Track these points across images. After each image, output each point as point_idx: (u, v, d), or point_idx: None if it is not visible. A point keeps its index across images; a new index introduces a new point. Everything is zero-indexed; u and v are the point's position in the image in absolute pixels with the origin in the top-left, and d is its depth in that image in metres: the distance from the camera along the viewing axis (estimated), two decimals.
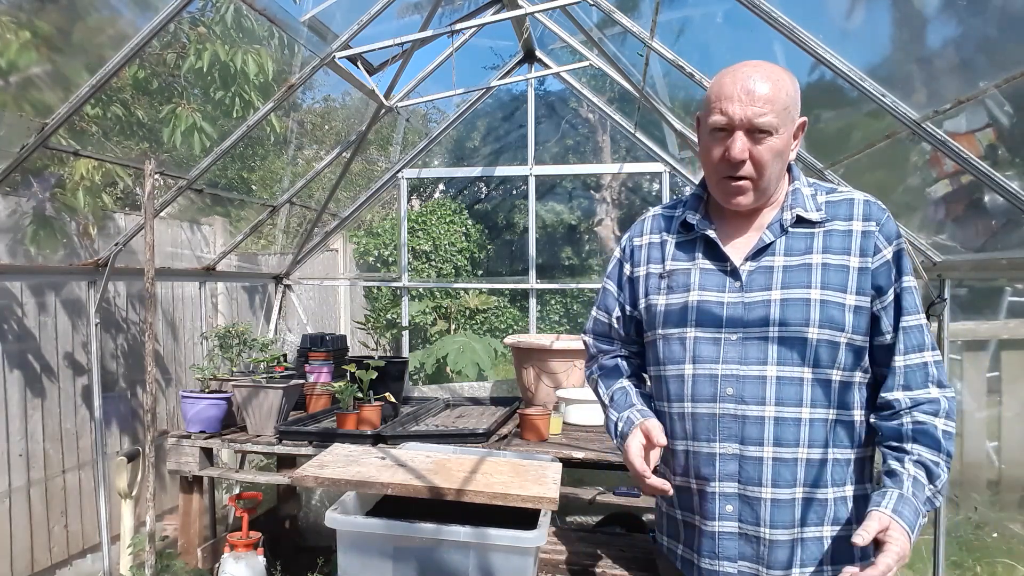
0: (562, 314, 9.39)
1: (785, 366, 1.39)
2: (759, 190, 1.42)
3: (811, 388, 1.39)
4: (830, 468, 1.40)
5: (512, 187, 9.36)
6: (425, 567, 1.51)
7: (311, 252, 5.06)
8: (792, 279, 1.41)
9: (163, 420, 4.29)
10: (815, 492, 1.39)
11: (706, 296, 1.46)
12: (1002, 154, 2.21)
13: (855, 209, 1.42)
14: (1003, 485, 3.54)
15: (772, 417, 1.39)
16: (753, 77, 1.37)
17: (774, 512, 1.39)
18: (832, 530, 1.40)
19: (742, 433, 1.41)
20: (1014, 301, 3.44)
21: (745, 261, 1.45)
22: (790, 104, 1.39)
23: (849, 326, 1.38)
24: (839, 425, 1.40)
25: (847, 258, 1.39)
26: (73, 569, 3.57)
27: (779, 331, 1.39)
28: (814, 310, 1.38)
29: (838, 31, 2.39)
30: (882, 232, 1.39)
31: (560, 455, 2.75)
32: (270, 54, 3.73)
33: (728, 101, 1.38)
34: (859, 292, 1.39)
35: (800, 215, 1.43)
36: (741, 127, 1.37)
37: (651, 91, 3.83)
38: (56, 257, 3.41)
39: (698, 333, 1.45)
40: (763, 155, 1.38)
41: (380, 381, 3.31)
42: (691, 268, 1.50)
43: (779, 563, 1.40)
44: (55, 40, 2.55)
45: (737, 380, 1.41)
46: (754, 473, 1.40)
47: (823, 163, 3.01)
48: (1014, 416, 3.56)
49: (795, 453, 1.38)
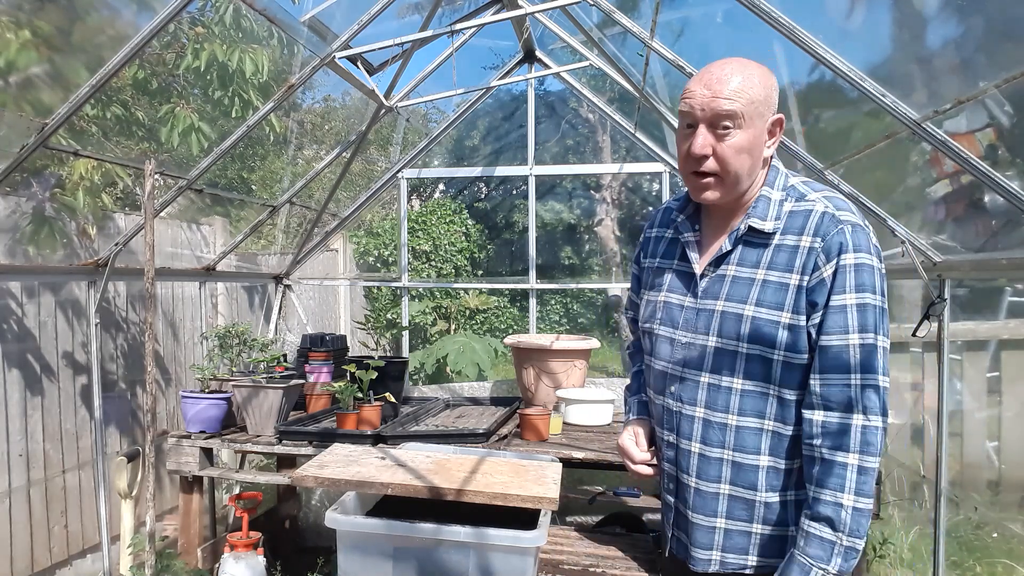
0: (562, 314, 9.39)
1: (716, 375, 1.46)
2: (725, 185, 1.42)
3: (739, 398, 1.44)
4: (763, 473, 1.45)
5: (512, 187, 9.36)
6: (425, 567, 1.51)
7: (311, 252, 5.06)
8: (735, 292, 1.44)
9: (163, 420, 4.29)
10: (742, 491, 1.47)
11: (671, 298, 1.55)
12: (1002, 154, 2.21)
13: (809, 222, 1.40)
14: (1003, 485, 3.54)
15: (701, 419, 1.49)
16: (722, 70, 1.38)
17: (697, 500, 1.51)
18: (761, 528, 1.47)
19: (678, 427, 1.53)
20: (1014, 301, 3.44)
21: (708, 266, 1.49)
22: (758, 99, 1.37)
23: (782, 344, 1.39)
24: (778, 437, 1.44)
25: (789, 275, 1.39)
26: (73, 569, 3.57)
27: (716, 341, 1.45)
28: (744, 325, 1.41)
29: (838, 31, 2.39)
30: (824, 249, 1.36)
31: (560, 455, 2.75)
32: (269, 54, 3.73)
33: (692, 93, 1.39)
34: (794, 311, 1.38)
35: (752, 225, 1.43)
36: (704, 119, 1.38)
37: (651, 91, 3.83)
38: (56, 257, 3.40)
39: (660, 331, 1.56)
40: (726, 151, 1.38)
41: (380, 381, 3.30)
42: (669, 268, 1.58)
43: (701, 544, 1.52)
44: (55, 40, 2.55)
45: (679, 381, 1.51)
46: (684, 463, 1.53)
47: (823, 163, 3.01)
48: (1014, 416, 3.56)
49: (721, 453, 1.47)
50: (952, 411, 3.23)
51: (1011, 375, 3.55)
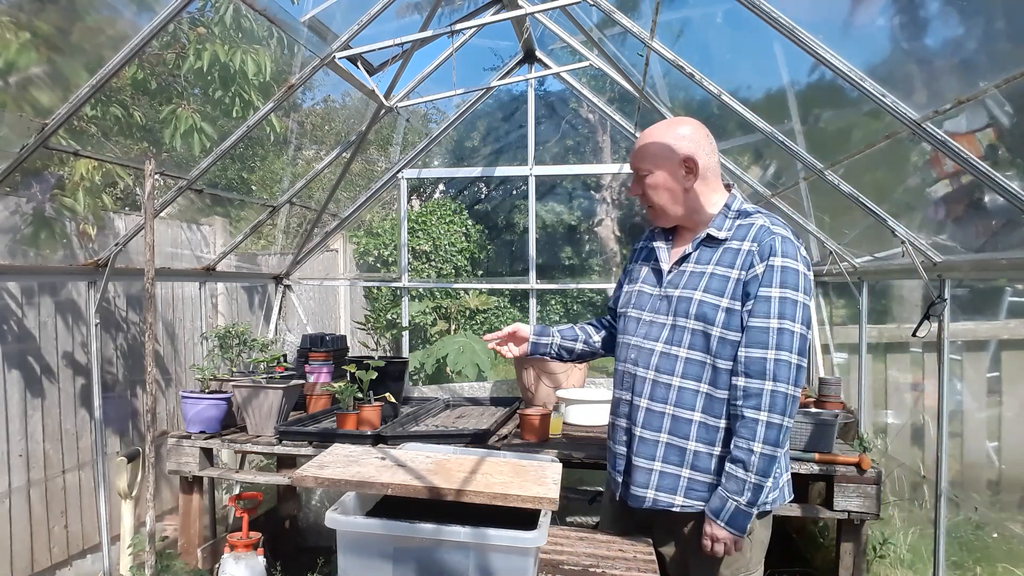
0: (562, 314, 9.38)
1: (668, 344, 1.87)
2: (660, 213, 1.93)
3: (683, 364, 1.84)
4: (695, 427, 1.84)
5: (512, 187, 9.35)
6: (425, 567, 1.51)
7: (311, 252, 5.06)
8: (690, 282, 1.86)
9: (163, 420, 4.29)
10: (677, 440, 1.86)
11: (643, 288, 1.99)
12: (1002, 154, 2.20)
13: (750, 232, 1.82)
14: (1003, 485, 3.53)
15: (651, 379, 1.89)
16: (639, 140, 1.94)
17: (640, 447, 1.90)
18: (689, 472, 1.85)
19: (633, 387, 1.92)
20: (1014, 301, 3.43)
21: (673, 265, 1.93)
22: (657, 153, 1.88)
23: (719, 322, 1.80)
24: (710, 399, 1.83)
25: (731, 270, 1.81)
26: (73, 569, 3.57)
27: (671, 319, 1.87)
28: (693, 306, 1.83)
29: (838, 31, 2.39)
30: (759, 252, 1.78)
31: (560, 455, 2.75)
32: (270, 54, 3.73)
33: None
34: (732, 297, 1.79)
35: (710, 234, 1.87)
36: (634, 175, 1.96)
37: (651, 91, 3.83)
38: (56, 257, 3.40)
39: (631, 313, 1.98)
40: (646, 189, 1.91)
41: (380, 381, 3.30)
42: (644, 267, 2.02)
43: (640, 483, 1.90)
44: (55, 40, 2.55)
45: (639, 350, 1.92)
46: (635, 416, 1.91)
47: (823, 163, 3.00)
48: (1014, 416, 3.55)
49: (663, 408, 1.86)
50: (952, 411, 3.23)
51: (1011, 375, 3.55)
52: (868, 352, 3.79)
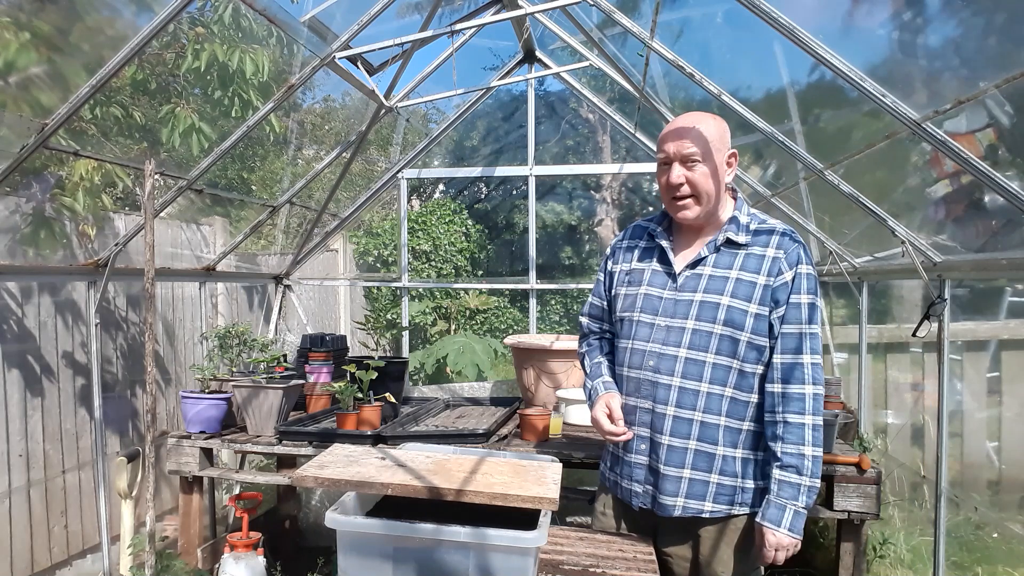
0: (562, 314, 9.37)
1: (693, 350, 1.83)
2: (692, 206, 1.85)
3: (711, 369, 1.82)
4: (722, 431, 1.84)
5: (512, 187, 9.34)
6: (425, 567, 1.51)
7: (311, 252, 5.06)
8: (713, 286, 1.84)
9: (163, 420, 4.29)
10: (705, 446, 1.84)
11: (651, 291, 1.93)
12: (1002, 154, 2.20)
13: (772, 239, 1.84)
14: (1003, 485, 3.53)
15: (677, 386, 1.85)
16: (682, 123, 1.85)
17: (668, 455, 1.87)
18: (718, 478, 1.85)
19: (655, 394, 1.87)
20: (1014, 301, 3.43)
21: (685, 268, 1.89)
22: (713, 139, 1.82)
23: (748, 328, 1.80)
24: (735, 402, 1.83)
25: (757, 276, 1.82)
26: (73, 569, 3.57)
27: (694, 324, 1.84)
28: (721, 312, 1.81)
29: (838, 31, 2.39)
30: (786, 260, 1.81)
31: (560, 455, 2.75)
32: (269, 54, 3.72)
33: (665, 141, 1.86)
34: (760, 303, 1.80)
35: (730, 238, 1.85)
36: (676, 159, 1.84)
37: (651, 91, 3.83)
38: (56, 257, 3.40)
39: (640, 317, 1.92)
40: (695, 177, 1.82)
41: (380, 381, 3.30)
42: (646, 269, 1.97)
43: (669, 492, 1.87)
44: (54, 40, 2.54)
45: (659, 356, 1.87)
46: (659, 425, 1.88)
47: (823, 163, 3.00)
48: (1014, 416, 3.55)
49: (692, 415, 1.84)
50: (952, 411, 3.23)
51: (1011, 375, 3.55)
52: (868, 352, 3.79)
